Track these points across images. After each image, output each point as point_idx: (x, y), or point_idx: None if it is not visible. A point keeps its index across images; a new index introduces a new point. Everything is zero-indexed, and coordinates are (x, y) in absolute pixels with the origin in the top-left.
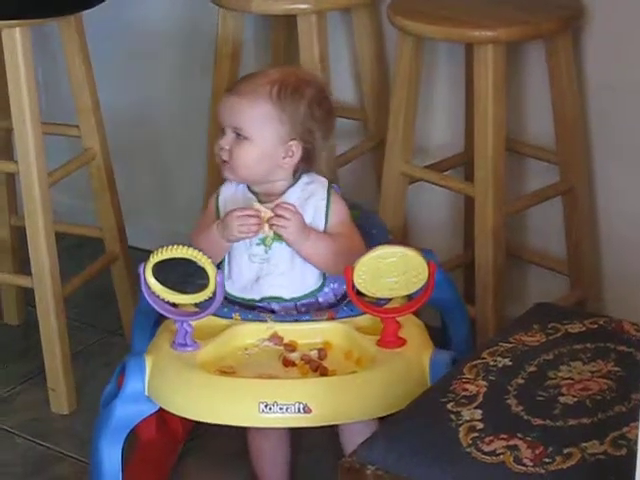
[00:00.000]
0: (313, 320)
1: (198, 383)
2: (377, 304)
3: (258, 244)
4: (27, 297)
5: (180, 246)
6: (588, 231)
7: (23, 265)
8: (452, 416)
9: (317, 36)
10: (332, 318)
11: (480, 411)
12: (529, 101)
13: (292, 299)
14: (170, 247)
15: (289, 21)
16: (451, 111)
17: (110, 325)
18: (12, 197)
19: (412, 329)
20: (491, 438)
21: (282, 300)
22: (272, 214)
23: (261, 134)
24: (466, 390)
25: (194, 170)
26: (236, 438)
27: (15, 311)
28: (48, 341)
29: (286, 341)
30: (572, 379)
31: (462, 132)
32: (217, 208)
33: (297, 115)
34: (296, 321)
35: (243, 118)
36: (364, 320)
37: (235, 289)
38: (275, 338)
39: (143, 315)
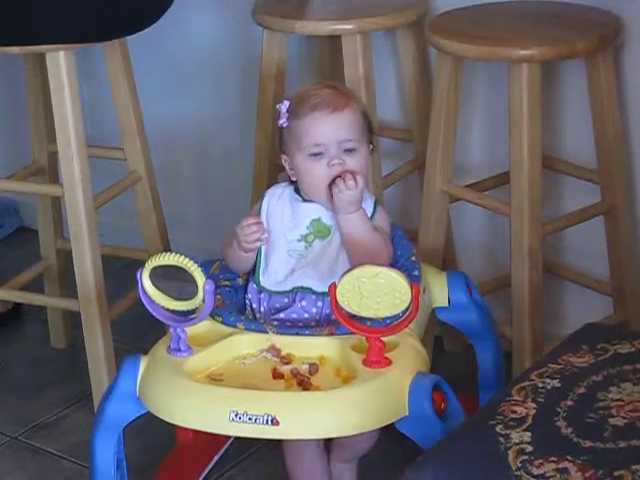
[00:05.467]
0: (313, 334)
1: (174, 387)
2: (383, 323)
3: (299, 240)
4: (74, 320)
5: (173, 254)
6: (630, 251)
7: (69, 288)
8: (501, 439)
9: (362, 56)
10: (332, 334)
11: (529, 433)
12: (569, 119)
13: (322, 293)
14: (164, 254)
15: (333, 41)
16: (497, 128)
17: None
18: (58, 220)
19: (405, 351)
20: (540, 461)
21: (311, 292)
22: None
23: (364, 142)
24: (515, 412)
25: (240, 191)
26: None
27: (62, 334)
28: (95, 364)
29: (283, 353)
30: (622, 400)
31: (507, 150)
32: (259, 212)
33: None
34: (297, 334)
35: (352, 129)
36: (362, 338)
37: (270, 283)
38: (273, 350)
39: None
